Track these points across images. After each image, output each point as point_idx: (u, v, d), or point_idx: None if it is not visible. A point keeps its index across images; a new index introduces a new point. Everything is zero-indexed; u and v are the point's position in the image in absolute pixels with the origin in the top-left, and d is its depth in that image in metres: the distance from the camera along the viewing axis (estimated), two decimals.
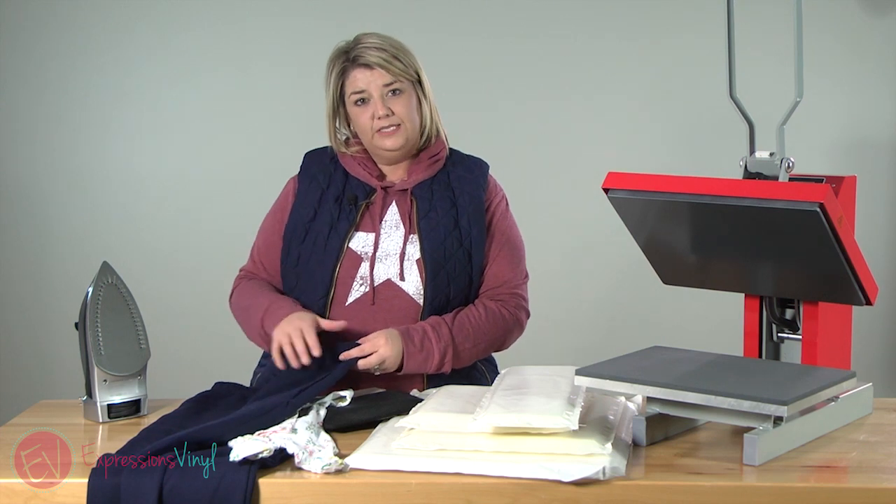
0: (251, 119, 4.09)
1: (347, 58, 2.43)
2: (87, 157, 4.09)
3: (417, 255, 2.41)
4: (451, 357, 2.35)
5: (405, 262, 2.41)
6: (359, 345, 2.29)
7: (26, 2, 4.03)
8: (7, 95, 4.07)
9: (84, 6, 4.04)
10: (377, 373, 2.31)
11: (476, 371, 2.49)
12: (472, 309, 2.42)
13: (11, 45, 4.05)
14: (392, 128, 2.42)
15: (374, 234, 2.42)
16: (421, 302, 2.40)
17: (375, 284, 2.40)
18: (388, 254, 2.42)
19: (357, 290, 2.40)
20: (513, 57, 4.09)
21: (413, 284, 2.40)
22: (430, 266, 2.40)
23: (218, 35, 4.07)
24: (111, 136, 4.09)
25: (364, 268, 2.41)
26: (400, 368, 2.32)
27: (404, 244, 2.42)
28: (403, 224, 2.44)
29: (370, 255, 2.41)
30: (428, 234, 2.41)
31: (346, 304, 2.40)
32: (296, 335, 2.26)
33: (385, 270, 2.41)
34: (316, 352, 2.24)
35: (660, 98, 4.13)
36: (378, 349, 2.28)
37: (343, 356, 2.27)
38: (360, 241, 2.42)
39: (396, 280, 2.40)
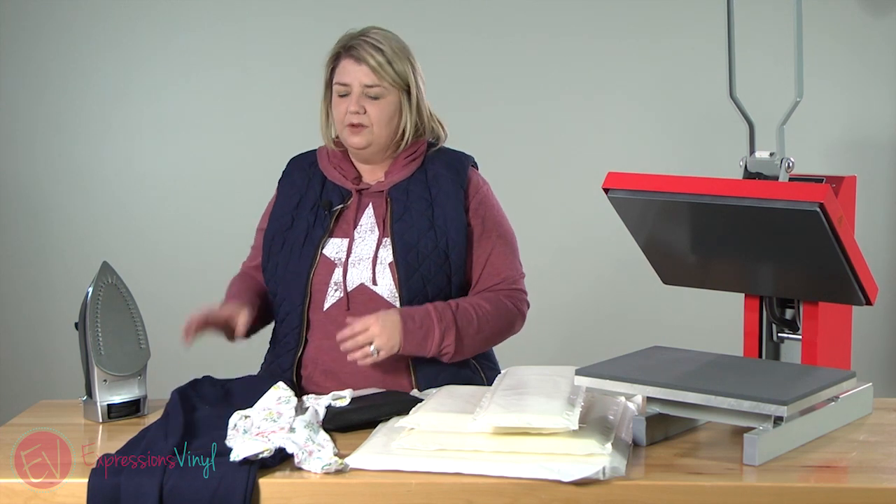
0: (251, 119, 4.09)
1: (344, 46, 2.44)
2: (87, 157, 4.09)
3: (390, 258, 2.40)
4: (452, 340, 2.35)
5: (377, 266, 2.40)
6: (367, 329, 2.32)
7: (26, 2, 4.03)
8: (7, 95, 4.07)
9: (84, 6, 4.04)
10: (375, 357, 2.30)
11: (469, 369, 2.48)
12: (474, 299, 2.43)
13: (11, 45, 4.05)
14: (359, 127, 2.42)
15: (347, 240, 2.42)
16: (397, 304, 2.39)
17: (349, 290, 2.40)
18: (362, 258, 2.41)
19: (332, 296, 2.41)
20: (513, 57, 4.09)
21: (387, 288, 2.40)
22: (403, 269, 2.39)
23: (218, 35, 4.07)
24: (111, 136, 4.09)
25: (337, 273, 2.41)
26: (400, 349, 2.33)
27: (377, 248, 2.41)
28: (378, 227, 2.43)
29: (343, 260, 2.41)
30: (401, 237, 2.40)
31: (324, 309, 2.41)
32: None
33: (358, 275, 2.40)
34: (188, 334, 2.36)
35: (660, 98, 4.13)
36: (368, 328, 2.29)
37: (338, 336, 2.30)
38: (333, 248, 2.42)
39: (369, 284, 2.40)
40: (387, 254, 2.40)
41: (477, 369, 2.49)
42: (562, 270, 4.10)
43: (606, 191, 2.23)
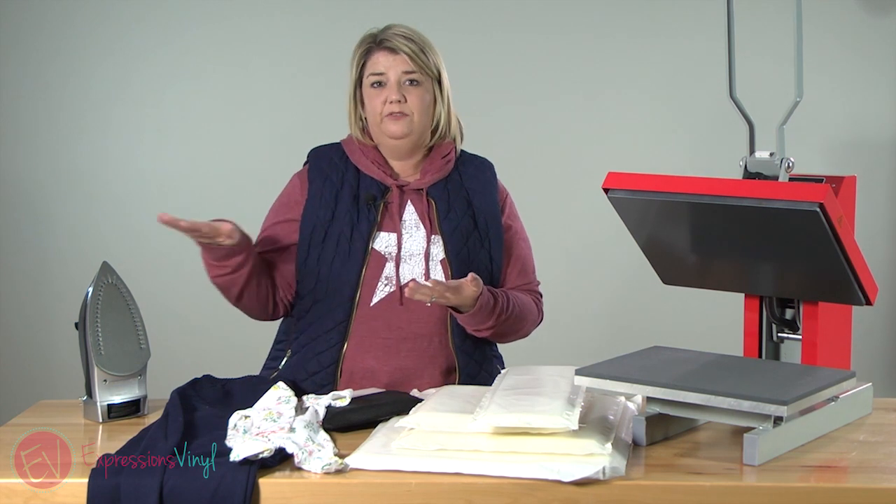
0: (252, 119, 4.09)
1: (374, 41, 2.45)
2: (87, 157, 4.09)
3: (441, 255, 2.41)
4: (492, 325, 2.39)
5: (430, 263, 2.41)
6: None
7: (26, 2, 4.03)
8: (7, 95, 4.07)
9: (84, 6, 4.04)
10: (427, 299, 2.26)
11: (483, 371, 2.48)
12: (522, 295, 2.48)
13: (11, 45, 4.04)
14: (400, 115, 2.42)
15: (395, 234, 2.42)
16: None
17: (401, 284, 2.40)
18: (412, 254, 2.42)
19: (382, 291, 2.40)
20: (513, 57, 4.09)
21: None
22: (457, 266, 2.40)
23: (218, 35, 4.07)
24: (111, 135, 4.09)
25: (389, 268, 2.40)
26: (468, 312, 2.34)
27: (427, 244, 2.41)
28: (423, 225, 2.43)
29: (395, 255, 2.41)
30: (450, 235, 2.42)
31: (372, 304, 2.40)
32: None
33: (410, 270, 2.41)
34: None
35: (660, 98, 4.13)
36: (461, 285, 2.29)
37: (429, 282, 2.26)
38: (383, 242, 2.41)
39: (421, 280, 2.40)
40: (438, 251, 2.41)
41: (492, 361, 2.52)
42: (562, 271, 4.10)
43: (606, 191, 2.23)
